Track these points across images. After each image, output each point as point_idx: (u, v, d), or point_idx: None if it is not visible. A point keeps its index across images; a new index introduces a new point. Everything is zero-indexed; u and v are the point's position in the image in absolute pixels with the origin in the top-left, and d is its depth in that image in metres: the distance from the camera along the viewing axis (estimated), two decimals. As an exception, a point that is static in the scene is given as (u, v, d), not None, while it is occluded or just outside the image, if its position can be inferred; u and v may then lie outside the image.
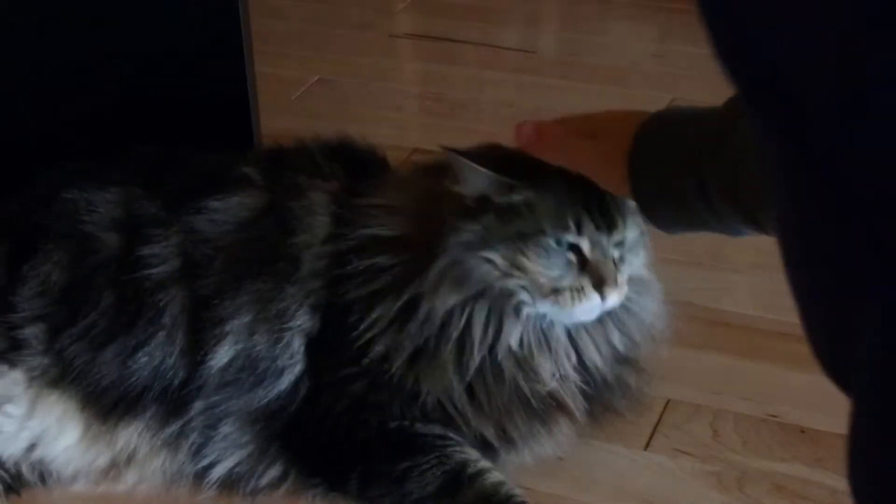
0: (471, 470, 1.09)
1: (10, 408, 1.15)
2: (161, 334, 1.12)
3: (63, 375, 1.14)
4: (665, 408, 1.27)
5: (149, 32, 1.47)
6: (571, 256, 1.07)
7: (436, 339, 1.09)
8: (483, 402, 1.11)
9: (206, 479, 1.14)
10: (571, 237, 1.07)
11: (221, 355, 1.11)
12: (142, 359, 1.12)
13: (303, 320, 1.12)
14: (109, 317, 1.13)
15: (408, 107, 2.02)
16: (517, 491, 1.09)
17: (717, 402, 1.28)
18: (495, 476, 1.10)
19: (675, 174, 0.93)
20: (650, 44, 2.25)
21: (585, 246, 1.08)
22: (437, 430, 1.12)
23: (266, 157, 1.25)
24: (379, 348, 1.10)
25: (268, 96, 1.63)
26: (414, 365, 1.10)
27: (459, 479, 1.09)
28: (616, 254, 1.10)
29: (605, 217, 1.08)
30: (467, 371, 1.10)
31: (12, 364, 1.15)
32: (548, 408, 1.13)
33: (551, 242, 1.07)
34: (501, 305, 1.09)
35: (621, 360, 1.17)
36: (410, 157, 1.73)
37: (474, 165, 1.06)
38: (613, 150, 0.98)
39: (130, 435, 1.14)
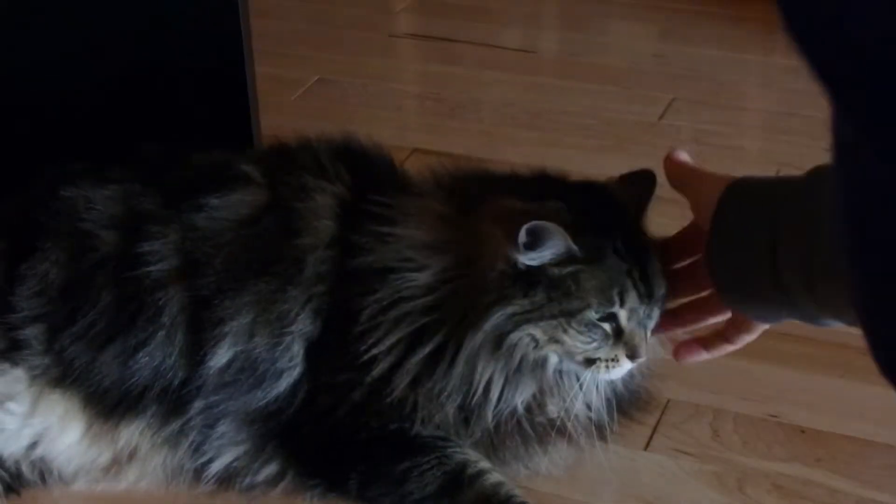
0: (471, 470, 1.09)
1: (12, 405, 1.15)
2: (161, 334, 1.12)
3: (64, 375, 1.14)
4: (665, 408, 1.27)
5: (149, 32, 1.47)
6: (608, 327, 1.06)
7: (452, 389, 1.09)
8: (478, 434, 1.11)
9: (205, 475, 1.14)
10: (613, 309, 1.06)
11: (220, 356, 1.11)
12: (142, 359, 1.12)
13: (304, 324, 1.11)
14: (109, 316, 1.13)
15: (408, 107, 2.02)
16: (517, 491, 1.09)
17: (717, 402, 1.28)
18: (495, 476, 1.10)
19: (748, 239, 0.92)
20: (650, 44, 2.25)
21: (623, 316, 1.06)
22: (437, 431, 1.11)
23: (268, 154, 1.24)
24: (383, 366, 1.09)
25: (268, 96, 1.63)
26: (415, 389, 1.10)
27: (459, 479, 1.09)
28: (652, 315, 1.09)
29: (646, 286, 1.07)
30: (470, 419, 1.10)
31: (14, 362, 1.15)
32: (545, 432, 1.13)
33: (593, 316, 1.06)
34: (527, 369, 1.08)
35: (620, 394, 1.17)
36: (410, 157, 1.73)
37: (564, 233, 1.02)
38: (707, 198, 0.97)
39: (132, 433, 1.14)
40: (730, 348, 1.07)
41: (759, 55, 2.19)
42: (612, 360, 1.08)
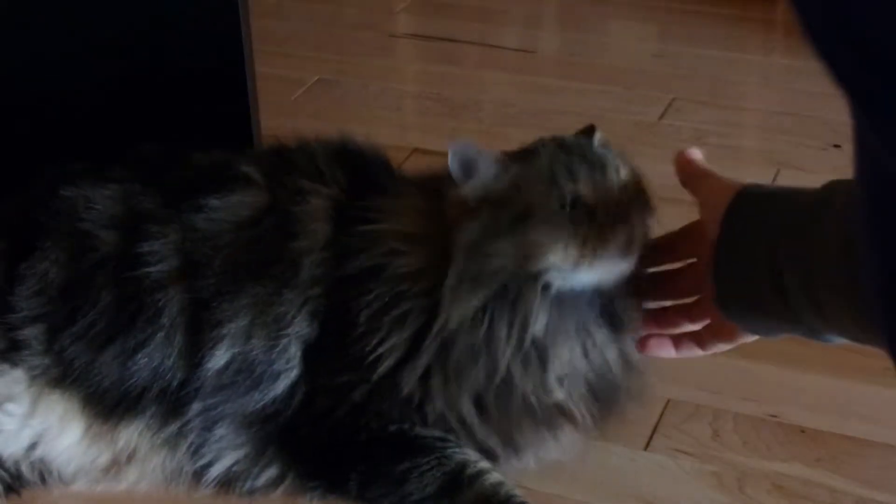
0: (470, 471, 1.09)
1: (11, 406, 1.15)
2: (160, 335, 1.12)
3: (64, 376, 1.14)
4: (665, 408, 1.27)
5: (149, 32, 1.47)
6: (576, 213, 1.04)
7: (460, 355, 1.08)
8: (493, 414, 1.10)
9: (205, 478, 1.14)
10: (569, 191, 1.04)
11: (218, 358, 1.11)
12: (141, 360, 1.12)
13: (301, 326, 1.11)
14: (109, 316, 1.13)
15: (408, 107, 2.02)
16: (517, 491, 1.09)
17: (717, 402, 1.28)
18: (495, 476, 1.10)
19: (751, 246, 0.90)
20: (650, 44, 2.25)
21: (583, 189, 1.04)
22: (437, 432, 1.11)
23: (267, 156, 1.24)
24: (389, 363, 1.09)
25: (268, 96, 1.63)
26: (426, 381, 1.09)
27: (459, 480, 1.09)
28: (622, 194, 1.06)
29: (591, 158, 1.06)
30: (484, 400, 1.09)
31: (13, 363, 1.15)
32: (553, 416, 1.12)
33: (551, 207, 1.04)
34: (525, 294, 1.06)
35: (629, 365, 1.16)
36: (410, 157, 1.73)
37: (481, 150, 1.06)
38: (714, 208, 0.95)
39: (131, 434, 1.14)
40: (699, 353, 1.07)
41: (759, 55, 2.19)
42: (600, 237, 1.03)
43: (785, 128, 1.88)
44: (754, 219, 0.92)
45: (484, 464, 1.11)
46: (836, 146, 1.81)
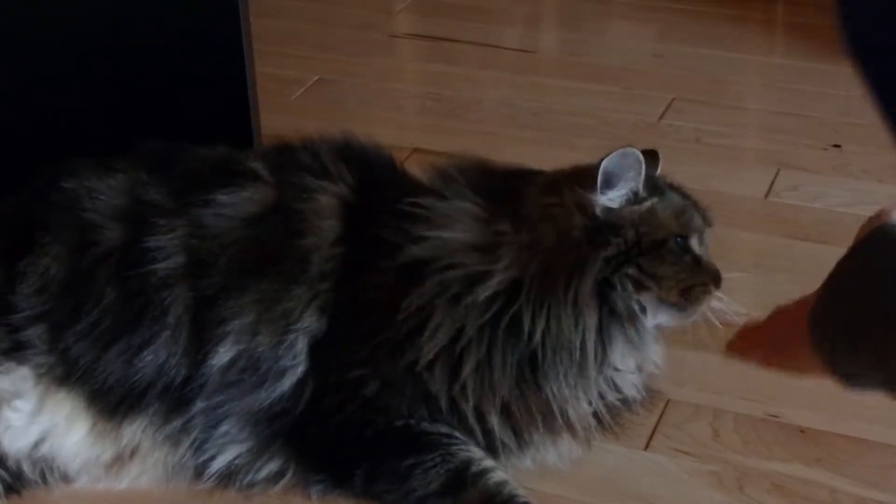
0: (474, 469, 1.09)
1: (19, 403, 1.14)
2: (166, 334, 1.12)
3: (69, 374, 1.14)
4: (665, 408, 1.27)
5: (149, 32, 1.47)
6: (687, 257, 1.12)
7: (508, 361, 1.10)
8: (516, 412, 1.12)
9: (206, 472, 1.14)
10: (689, 236, 1.12)
11: (222, 355, 1.11)
12: (147, 357, 1.12)
13: (309, 321, 1.12)
14: (113, 314, 1.13)
15: (408, 107, 2.02)
16: (520, 491, 1.09)
17: (717, 402, 1.28)
18: (498, 475, 1.10)
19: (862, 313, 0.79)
20: (650, 44, 2.25)
21: (694, 243, 1.12)
22: (443, 428, 1.12)
23: (273, 153, 1.24)
24: (426, 358, 1.09)
25: (268, 96, 1.63)
26: (456, 383, 1.10)
27: (463, 477, 1.09)
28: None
29: (704, 213, 1.15)
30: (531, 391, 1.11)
31: (19, 361, 1.14)
32: (555, 425, 1.13)
33: (675, 245, 1.11)
34: (622, 322, 1.11)
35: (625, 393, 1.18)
36: (410, 157, 1.73)
37: (634, 168, 1.09)
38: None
39: (134, 431, 1.14)
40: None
41: (759, 55, 2.19)
42: (703, 284, 1.11)
43: (785, 128, 1.88)
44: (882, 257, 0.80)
45: (488, 462, 1.11)
46: (836, 146, 1.81)
